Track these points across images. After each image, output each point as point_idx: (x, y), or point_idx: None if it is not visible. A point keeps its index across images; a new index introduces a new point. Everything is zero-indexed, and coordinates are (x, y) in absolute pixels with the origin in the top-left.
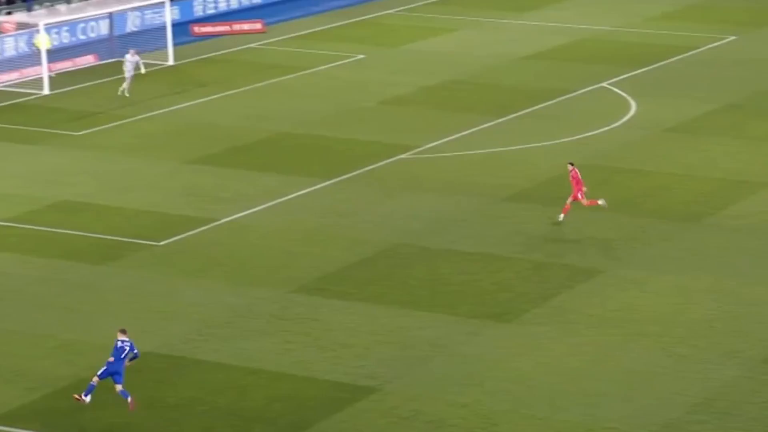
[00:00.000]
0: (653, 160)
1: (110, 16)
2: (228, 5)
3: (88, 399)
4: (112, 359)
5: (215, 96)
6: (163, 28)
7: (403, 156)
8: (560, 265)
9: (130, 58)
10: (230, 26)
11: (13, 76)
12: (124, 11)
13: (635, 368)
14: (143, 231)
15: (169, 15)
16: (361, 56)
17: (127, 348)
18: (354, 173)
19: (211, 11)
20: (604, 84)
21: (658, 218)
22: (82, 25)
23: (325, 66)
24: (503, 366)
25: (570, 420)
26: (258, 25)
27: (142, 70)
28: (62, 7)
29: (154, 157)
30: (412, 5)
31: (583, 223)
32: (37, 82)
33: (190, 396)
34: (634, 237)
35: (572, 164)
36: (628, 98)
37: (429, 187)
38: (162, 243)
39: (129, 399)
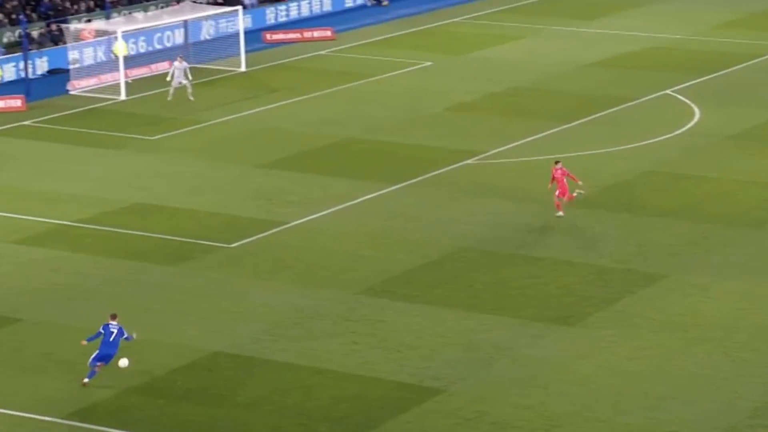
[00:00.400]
0: (716, 166)
1: (185, 24)
2: (299, 13)
3: (87, 380)
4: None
5: (286, 102)
6: (236, 35)
7: (469, 161)
8: (623, 269)
9: (178, 65)
10: (301, 34)
11: (91, 82)
12: (199, 19)
13: (698, 372)
14: (214, 233)
15: (242, 23)
16: (429, 63)
17: (115, 331)
18: (420, 178)
19: (283, 19)
20: (669, 91)
21: (720, 224)
22: (158, 33)
23: (393, 73)
24: (567, 369)
25: (632, 423)
26: (328, 33)
27: (190, 77)
28: (139, 15)
29: (226, 161)
30: (479, 13)
31: (646, 228)
32: (115, 88)
33: (258, 395)
34: (697, 243)
35: (558, 162)
36: (692, 105)
37: (494, 192)
38: (232, 245)
39: (91, 377)
